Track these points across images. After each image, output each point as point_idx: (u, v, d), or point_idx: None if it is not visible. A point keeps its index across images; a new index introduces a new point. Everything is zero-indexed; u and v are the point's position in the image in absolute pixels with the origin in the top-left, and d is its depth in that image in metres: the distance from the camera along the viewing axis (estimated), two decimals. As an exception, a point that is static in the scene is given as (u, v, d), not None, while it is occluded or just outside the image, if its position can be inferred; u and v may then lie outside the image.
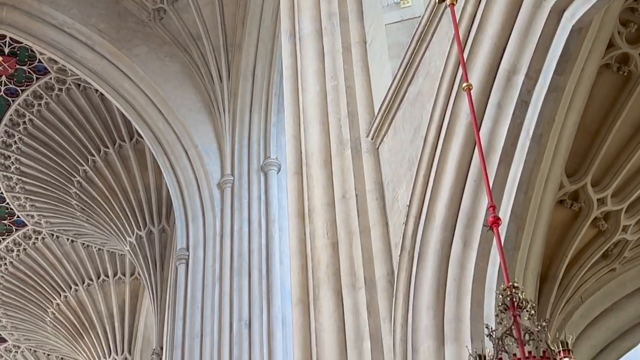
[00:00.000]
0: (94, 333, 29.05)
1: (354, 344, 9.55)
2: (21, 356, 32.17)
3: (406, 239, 9.21)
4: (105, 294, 28.90)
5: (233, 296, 18.55)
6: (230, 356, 17.68)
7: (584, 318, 10.02)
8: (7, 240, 28.11)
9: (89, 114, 24.61)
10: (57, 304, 29.39)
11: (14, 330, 31.26)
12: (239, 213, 19.76)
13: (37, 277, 29.12)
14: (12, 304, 30.12)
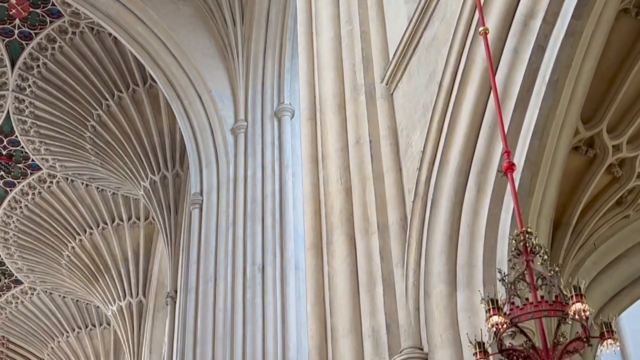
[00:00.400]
0: (108, 276, 29.25)
1: (367, 288, 9.59)
2: (37, 298, 32.42)
3: (420, 185, 9.20)
4: (120, 237, 29.05)
5: (247, 241, 18.60)
6: (243, 300, 17.78)
7: (597, 264, 10.02)
8: (22, 184, 28.18)
9: (102, 58, 24.53)
10: (72, 247, 29.57)
11: (29, 272, 31.48)
12: (252, 158, 19.75)
13: (52, 220, 29.26)
14: (28, 247, 30.31)
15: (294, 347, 16.92)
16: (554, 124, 8.15)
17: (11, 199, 28.82)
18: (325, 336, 9.97)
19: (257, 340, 17.15)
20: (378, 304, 9.34)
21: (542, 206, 8.35)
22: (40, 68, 25.06)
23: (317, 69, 11.84)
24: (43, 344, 33.47)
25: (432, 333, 8.59)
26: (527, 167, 8.02)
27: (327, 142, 11.05)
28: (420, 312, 8.83)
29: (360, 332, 9.40)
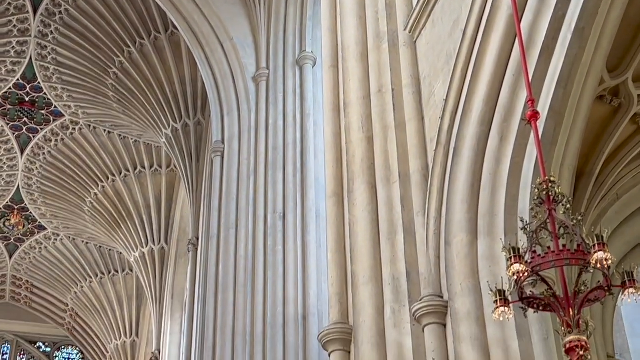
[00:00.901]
0: (131, 223, 29.42)
1: (387, 236, 9.60)
2: (60, 244, 32.62)
3: (442, 134, 9.16)
4: (142, 185, 29.14)
5: (268, 189, 18.63)
6: (264, 247, 17.84)
7: (619, 214, 9.99)
8: (45, 130, 28.24)
9: (124, 5, 24.40)
10: (94, 193, 29.70)
11: (53, 218, 31.67)
12: (274, 107, 19.70)
13: (75, 167, 29.35)
14: (51, 193, 30.46)
15: (314, 294, 17.01)
16: (579, 73, 8.07)
17: (34, 146, 28.93)
18: (346, 283, 10.03)
19: (278, 287, 17.23)
20: (399, 252, 9.37)
21: (566, 155, 8.30)
22: (62, 14, 25.01)
23: (339, 16, 11.76)
24: (66, 288, 33.74)
25: (452, 281, 8.61)
26: (550, 116, 7.96)
27: (349, 90, 11.00)
28: (440, 260, 8.85)
29: (380, 279, 9.44)
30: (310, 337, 16.25)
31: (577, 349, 5.67)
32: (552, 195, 6.00)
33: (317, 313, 16.69)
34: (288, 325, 16.75)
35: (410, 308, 8.85)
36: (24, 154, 29.02)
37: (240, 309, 17.56)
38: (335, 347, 9.63)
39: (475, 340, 8.15)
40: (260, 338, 16.95)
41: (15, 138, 28.54)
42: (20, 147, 28.93)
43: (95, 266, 32.98)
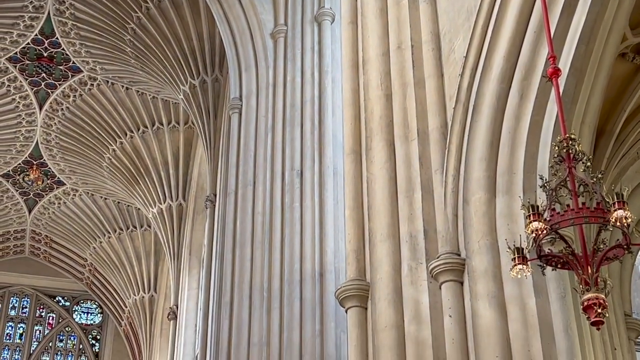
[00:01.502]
0: (149, 179, 29.49)
1: (405, 194, 9.59)
2: (79, 199, 32.74)
3: (461, 91, 9.11)
4: (160, 141, 29.18)
5: (285, 146, 18.63)
6: (282, 204, 17.89)
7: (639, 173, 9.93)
8: (64, 86, 28.24)
9: (141, -39, 24.35)
10: (113, 149, 29.76)
11: (71, 174, 31.76)
12: (291, 63, 19.65)
13: (93, 122, 29.39)
14: (70, 148, 30.53)
15: (331, 251, 17.05)
16: (601, 30, 8.00)
17: (52, 101, 28.95)
18: (363, 241, 10.04)
19: (295, 244, 17.29)
20: (416, 209, 9.37)
21: (586, 113, 8.25)
22: (79, -30, 24.94)
23: (358, -28, 11.65)
24: (85, 244, 33.95)
25: (469, 239, 8.61)
26: (572, 73, 7.91)
27: (367, 46, 10.95)
28: (458, 218, 8.86)
29: (398, 237, 9.46)
30: (327, 293, 16.33)
31: (595, 307, 5.67)
32: (572, 153, 5.98)
33: (334, 270, 16.76)
34: (305, 281, 16.82)
35: (427, 266, 8.88)
36: (42, 109, 29.08)
37: (257, 265, 17.66)
38: (352, 303, 9.67)
39: (492, 298, 8.17)
40: (277, 294, 17.06)
41: (34, 94, 28.62)
42: (39, 103, 28.99)
43: (113, 222, 33.15)
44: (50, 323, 35.17)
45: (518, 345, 7.85)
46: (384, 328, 8.97)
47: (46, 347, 34.79)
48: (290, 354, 16.17)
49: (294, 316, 16.56)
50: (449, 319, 8.48)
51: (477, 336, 8.18)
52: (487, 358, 8.00)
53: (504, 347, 7.94)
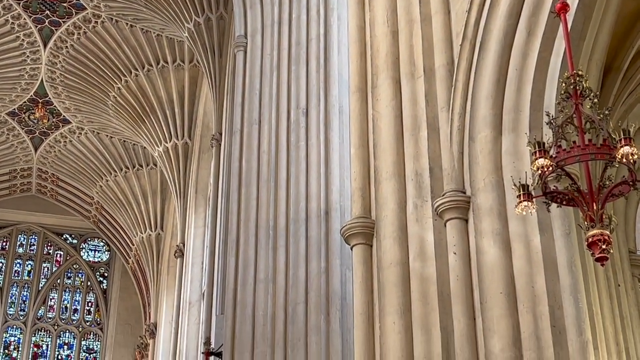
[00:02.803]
0: (154, 117, 29.47)
1: (411, 132, 9.60)
2: (85, 138, 32.71)
3: (468, 28, 9.06)
4: (165, 79, 29.09)
5: (291, 84, 18.58)
6: (287, 143, 17.89)
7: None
8: (68, 24, 28.02)
9: None
10: (118, 88, 29.65)
11: (77, 112, 31.69)
12: (296, 0, 19.51)
13: (98, 60, 29.26)
14: (75, 87, 30.43)
15: (337, 189, 17.09)
16: (610, -36, 7.93)
17: (57, 39, 28.76)
18: (369, 179, 10.07)
19: (301, 182, 17.33)
20: (422, 147, 9.39)
21: (594, 50, 8.21)
22: None
23: None
24: (91, 182, 34.03)
25: (475, 177, 8.64)
26: (580, 9, 7.84)
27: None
28: (464, 156, 8.88)
29: (403, 175, 9.49)
30: (333, 231, 16.41)
31: (600, 243, 5.71)
32: (579, 89, 5.97)
33: (339, 208, 16.80)
34: (310, 220, 16.90)
35: (432, 203, 8.93)
36: (47, 47, 28.91)
37: (263, 203, 17.73)
38: (357, 241, 9.73)
39: (496, 235, 8.23)
40: (283, 232, 17.14)
41: (38, 31, 28.43)
42: (43, 40, 28.79)
43: (119, 160, 33.19)
44: (58, 260, 35.43)
45: (522, 282, 7.92)
46: (389, 265, 9.05)
47: (54, 284, 35.11)
48: (296, 291, 16.30)
49: (299, 254, 16.67)
50: (454, 256, 8.55)
51: (482, 273, 8.25)
52: (491, 294, 8.07)
53: (508, 283, 8.01)
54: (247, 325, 16.74)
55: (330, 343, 15.62)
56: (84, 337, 34.41)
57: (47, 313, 34.38)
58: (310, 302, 16.14)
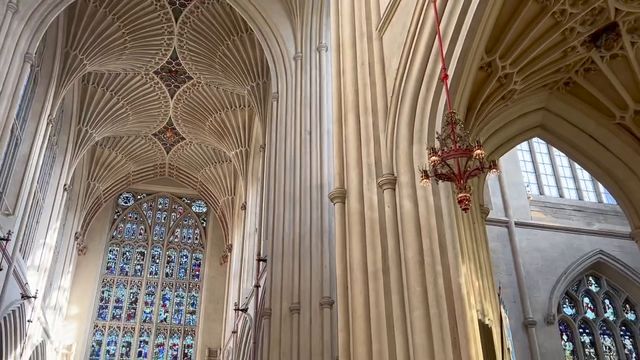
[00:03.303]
0: (232, 135, 28.37)
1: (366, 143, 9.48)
2: (192, 147, 32.03)
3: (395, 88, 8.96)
4: (236, 115, 28.08)
5: (302, 118, 18.46)
6: (300, 149, 17.74)
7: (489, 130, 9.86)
8: (185, 85, 27.29)
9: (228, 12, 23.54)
10: (210, 120, 28.30)
11: (185, 125, 30.63)
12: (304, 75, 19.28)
13: (197, 112, 28.21)
14: (190, 114, 29.20)
15: (326, 173, 17.02)
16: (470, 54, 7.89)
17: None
18: (343, 167, 9.79)
19: (306, 170, 17.34)
20: (371, 151, 9.17)
21: (461, 100, 8.18)
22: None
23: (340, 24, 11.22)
24: (197, 170, 33.03)
25: (399, 166, 8.61)
26: (454, 77, 7.82)
27: (345, 62, 10.48)
28: (393, 155, 8.82)
29: (361, 166, 9.29)
30: (324, 196, 16.42)
31: (465, 201, 5.73)
32: (453, 119, 5.96)
33: (327, 183, 16.81)
34: (312, 189, 16.92)
35: (377, 181, 8.87)
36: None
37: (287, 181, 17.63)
38: (337, 200, 9.45)
39: (411, 197, 8.22)
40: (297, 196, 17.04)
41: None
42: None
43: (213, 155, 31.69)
44: (180, 211, 35.34)
45: (424, 221, 7.93)
46: (354, 212, 9.02)
47: (178, 224, 35.06)
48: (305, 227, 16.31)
49: (306, 208, 16.72)
50: (388, 208, 8.53)
51: (402, 217, 8.24)
52: (407, 228, 8.07)
53: (417, 223, 8.02)
54: (279, 244, 16.82)
55: (323, 255, 15.71)
56: (194, 251, 34.40)
57: (174, 239, 34.36)
58: (312, 233, 16.22)
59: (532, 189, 17.19)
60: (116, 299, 31.94)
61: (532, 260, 15.02)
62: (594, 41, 9.07)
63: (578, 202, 17.13)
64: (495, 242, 14.50)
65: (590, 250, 15.66)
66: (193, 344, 31.33)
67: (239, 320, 24.99)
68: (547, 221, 16.03)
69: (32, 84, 20.59)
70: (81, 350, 29.58)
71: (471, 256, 8.12)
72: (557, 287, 14.94)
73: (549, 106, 10.23)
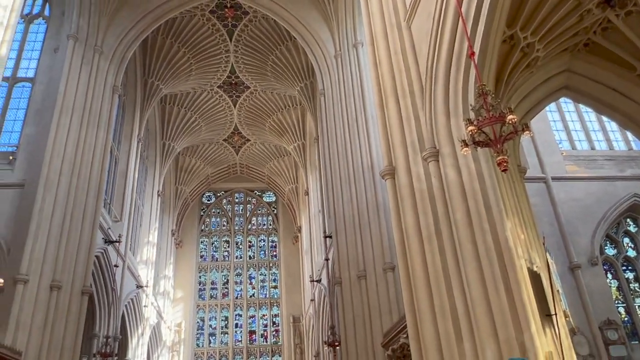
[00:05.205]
0: (289, 132, 28.80)
1: (407, 122, 9.35)
2: (254, 146, 32.42)
3: (428, 70, 8.75)
4: (290, 114, 28.27)
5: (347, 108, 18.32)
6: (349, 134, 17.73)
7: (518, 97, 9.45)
8: (241, 97, 27.47)
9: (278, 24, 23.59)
10: (271, 119, 28.38)
11: (247, 127, 30.55)
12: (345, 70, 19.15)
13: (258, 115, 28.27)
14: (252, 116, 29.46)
15: (375, 154, 16.87)
16: (492, 29, 7.59)
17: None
18: (389, 147, 9.62)
19: (357, 153, 17.22)
20: (413, 129, 9.04)
21: (490, 71, 7.90)
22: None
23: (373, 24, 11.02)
24: (263, 165, 33.35)
25: (440, 137, 8.46)
26: (480, 53, 7.55)
27: (380, 53, 10.30)
28: (433, 129, 8.67)
29: (405, 143, 9.15)
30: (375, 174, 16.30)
31: (503, 163, 5.57)
32: (484, 91, 5.78)
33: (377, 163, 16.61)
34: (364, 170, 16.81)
35: (421, 155, 8.72)
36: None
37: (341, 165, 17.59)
38: (387, 177, 9.34)
39: (453, 166, 8.07)
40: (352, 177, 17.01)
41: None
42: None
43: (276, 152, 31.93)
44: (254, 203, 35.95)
45: (468, 186, 7.77)
46: (404, 186, 8.95)
47: (254, 213, 35.71)
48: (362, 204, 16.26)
49: (360, 187, 16.68)
50: (434, 178, 8.41)
51: (448, 185, 8.11)
52: (454, 195, 7.94)
53: (461, 188, 7.88)
54: (341, 221, 16.87)
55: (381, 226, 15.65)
56: (269, 235, 35.02)
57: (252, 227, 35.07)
58: (369, 208, 16.18)
59: (564, 145, 16.48)
60: (211, 281, 33.14)
61: (571, 209, 14.43)
62: (608, 1, 8.53)
63: (609, 152, 16.27)
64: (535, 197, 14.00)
65: (625, 195, 14.87)
66: (279, 313, 32.10)
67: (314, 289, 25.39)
68: (581, 173, 15.32)
69: (121, 110, 21.54)
70: (189, 327, 30.99)
71: (514, 212, 7.91)
72: (597, 231, 14.30)
73: (571, 67, 9.71)
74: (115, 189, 20.44)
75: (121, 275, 19.56)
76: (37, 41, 18.23)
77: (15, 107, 16.83)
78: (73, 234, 14.73)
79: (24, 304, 12.84)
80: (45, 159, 14.81)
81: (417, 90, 9.23)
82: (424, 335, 7.79)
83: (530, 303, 6.72)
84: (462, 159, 7.90)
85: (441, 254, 7.84)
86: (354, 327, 14.78)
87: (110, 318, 18.22)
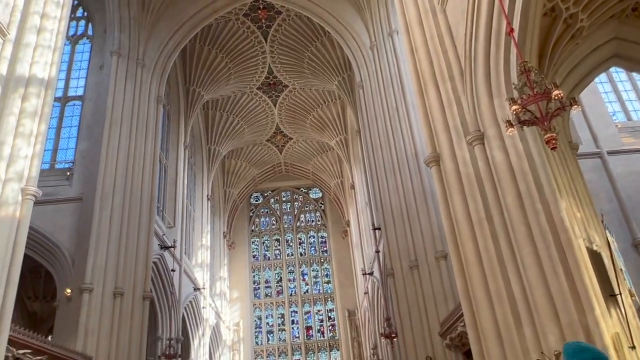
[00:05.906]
0: (330, 126, 28.94)
1: (449, 107, 9.18)
2: (297, 145, 32.54)
3: (466, 52, 8.54)
4: (331, 109, 28.34)
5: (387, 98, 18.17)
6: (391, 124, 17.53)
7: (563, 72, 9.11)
8: (281, 97, 27.79)
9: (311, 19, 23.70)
10: (312, 115, 28.55)
11: (289, 125, 31.13)
12: (382, 60, 19.00)
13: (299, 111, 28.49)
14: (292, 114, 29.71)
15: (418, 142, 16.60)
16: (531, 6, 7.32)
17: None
18: (432, 133, 9.52)
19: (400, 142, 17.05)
20: (455, 114, 8.90)
21: (532, 47, 7.64)
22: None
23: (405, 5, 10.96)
24: (307, 162, 33.58)
25: (484, 121, 8.30)
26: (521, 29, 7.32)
27: (416, 39, 10.16)
28: (476, 113, 8.50)
29: (449, 129, 9.05)
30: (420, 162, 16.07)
31: (552, 140, 5.39)
32: (526, 68, 5.61)
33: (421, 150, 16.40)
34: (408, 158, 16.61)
35: (465, 139, 8.59)
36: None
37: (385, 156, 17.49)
38: (433, 164, 9.24)
39: (500, 147, 7.90)
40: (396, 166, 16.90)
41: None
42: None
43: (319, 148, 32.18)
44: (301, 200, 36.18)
45: (517, 167, 7.58)
46: (450, 171, 8.83)
47: (302, 211, 36.05)
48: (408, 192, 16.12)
49: (406, 175, 16.50)
50: (480, 162, 8.25)
51: (496, 167, 7.94)
52: (502, 177, 7.77)
53: (510, 170, 7.70)
54: (388, 213, 16.78)
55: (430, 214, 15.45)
56: (319, 231, 35.28)
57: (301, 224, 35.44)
58: (416, 197, 15.99)
59: (619, 116, 15.63)
60: (265, 280, 33.77)
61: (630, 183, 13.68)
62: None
63: (669, 120, 15.29)
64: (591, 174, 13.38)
65: (690, 163, 13.92)
66: (334, 308, 32.30)
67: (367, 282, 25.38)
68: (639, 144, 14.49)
69: (166, 120, 22.27)
70: (247, 326, 31.74)
71: (568, 191, 7.64)
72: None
73: (620, 34, 9.23)
74: (167, 196, 21.18)
75: (178, 279, 20.28)
76: (83, 60, 19.08)
77: (68, 125, 17.71)
78: (131, 242, 15.37)
79: (90, 312, 13.51)
80: (99, 172, 15.48)
81: (457, 73, 9.06)
82: (481, 323, 7.66)
83: (592, 284, 6.47)
84: (508, 139, 7.70)
85: (493, 239, 7.68)
86: (410, 317, 14.69)
87: (171, 321, 18.94)
